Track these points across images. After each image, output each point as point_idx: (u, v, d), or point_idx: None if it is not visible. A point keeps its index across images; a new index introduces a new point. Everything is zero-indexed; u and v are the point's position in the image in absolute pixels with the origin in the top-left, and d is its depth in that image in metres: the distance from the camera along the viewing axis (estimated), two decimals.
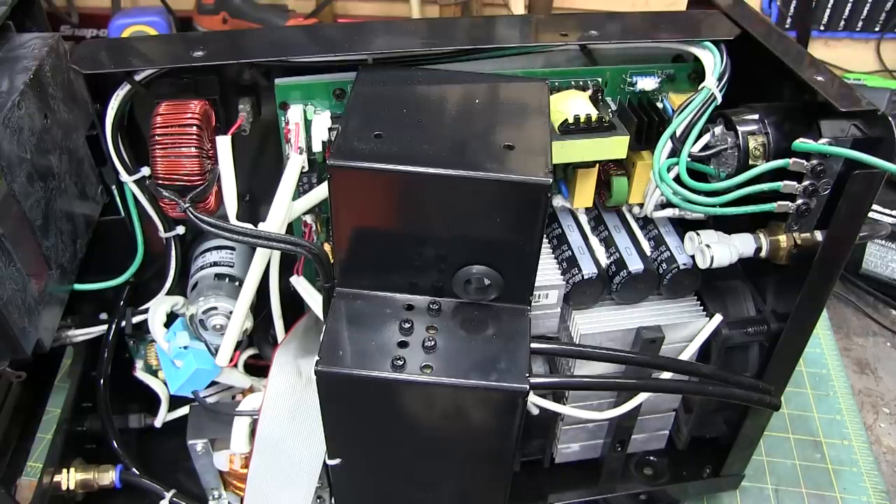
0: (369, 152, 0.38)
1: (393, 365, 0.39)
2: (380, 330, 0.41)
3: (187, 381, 0.53)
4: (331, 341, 0.40)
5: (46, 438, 0.56)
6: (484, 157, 0.39)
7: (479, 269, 0.41)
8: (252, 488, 0.54)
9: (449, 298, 0.42)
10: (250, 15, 1.13)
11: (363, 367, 0.39)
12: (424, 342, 0.40)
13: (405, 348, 0.40)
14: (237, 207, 0.47)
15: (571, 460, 0.63)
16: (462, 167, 0.38)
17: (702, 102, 0.47)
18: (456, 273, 0.41)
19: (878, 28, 1.13)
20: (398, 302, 0.42)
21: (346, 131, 0.40)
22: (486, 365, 0.39)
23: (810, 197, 0.45)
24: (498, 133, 0.41)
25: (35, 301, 0.43)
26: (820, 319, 0.52)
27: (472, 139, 0.40)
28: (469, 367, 0.39)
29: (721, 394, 0.50)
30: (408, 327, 0.41)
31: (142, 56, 0.45)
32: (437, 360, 0.39)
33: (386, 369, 0.39)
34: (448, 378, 0.38)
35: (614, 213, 0.56)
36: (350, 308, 0.42)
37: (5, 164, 0.40)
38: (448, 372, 0.39)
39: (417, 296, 0.42)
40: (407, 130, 0.40)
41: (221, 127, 0.48)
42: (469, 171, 0.38)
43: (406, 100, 0.43)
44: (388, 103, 0.43)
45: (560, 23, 0.51)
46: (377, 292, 0.43)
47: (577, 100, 0.48)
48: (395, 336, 0.40)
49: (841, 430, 0.75)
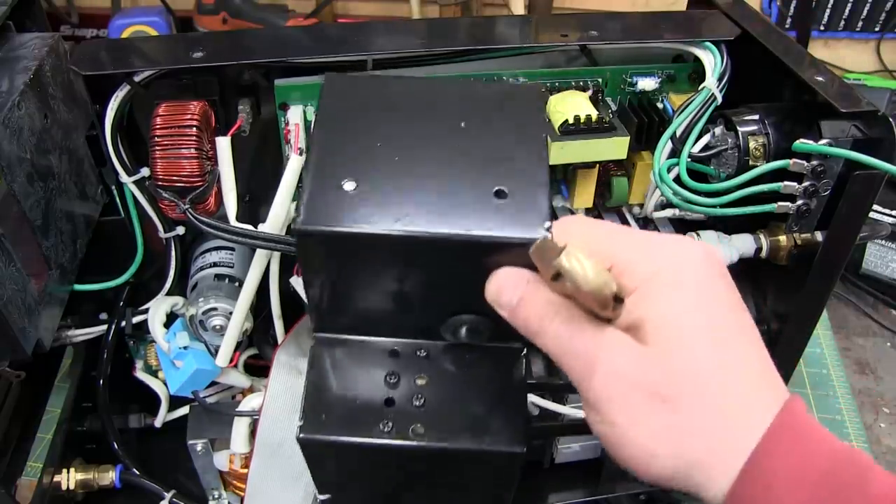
0: (344, 213, 0.33)
1: (380, 429, 0.36)
2: (364, 386, 0.37)
3: (187, 381, 0.53)
4: (313, 403, 0.37)
5: (46, 438, 0.56)
6: (474, 210, 0.33)
7: (470, 317, 0.37)
8: (252, 488, 0.54)
9: (437, 341, 0.39)
10: (250, 15, 1.13)
11: (348, 434, 0.36)
12: (413, 400, 0.37)
13: (392, 407, 0.37)
14: (237, 208, 0.47)
15: (571, 460, 0.63)
16: (449, 226, 0.33)
17: (702, 103, 0.47)
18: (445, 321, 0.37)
19: (878, 28, 1.12)
20: (382, 348, 0.39)
21: (314, 183, 0.34)
22: (479, 424, 0.36)
23: (810, 197, 0.45)
24: (488, 172, 0.35)
25: (35, 301, 0.43)
26: (820, 319, 0.52)
27: (459, 183, 0.35)
28: (461, 428, 0.36)
29: None
30: (394, 381, 0.37)
31: (141, 57, 0.45)
32: (427, 420, 0.36)
33: (373, 434, 0.36)
34: (438, 442, 0.36)
35: (614, 213, 0.56)
36: (331, 359, 0.39)
37: (5, 164, 0.40)
38: (438, 435, 0.36)
39: (403, 339, 0.39)
40: (383, 176, 0.35)
41: (221, 128, 0.48)
42: (457, 231, 0.33)
43: (380, 129, 0.37)
44: (359, 136, 0.37)
45: (560, 23, 0.51)
46: (359, 337, 0.39)
47: (577, 100, 0.48)
48: (380, 392, 0.37)
49: (841, 430, 0.75)
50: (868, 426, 0.78)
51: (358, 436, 0.36)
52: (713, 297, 0.31)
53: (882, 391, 0.83)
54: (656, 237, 0.33)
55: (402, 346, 0.39)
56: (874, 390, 0.83)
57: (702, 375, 0.29)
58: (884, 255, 0.89)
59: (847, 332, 0.89)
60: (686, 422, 0.29)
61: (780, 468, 0.27)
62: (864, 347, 0.87)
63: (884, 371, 0.85)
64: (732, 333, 0.30)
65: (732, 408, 0.29)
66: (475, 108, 0.39)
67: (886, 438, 0.78)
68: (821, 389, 0.79)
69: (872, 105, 0.43)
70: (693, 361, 0.29)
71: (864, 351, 0.87)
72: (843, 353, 0.85)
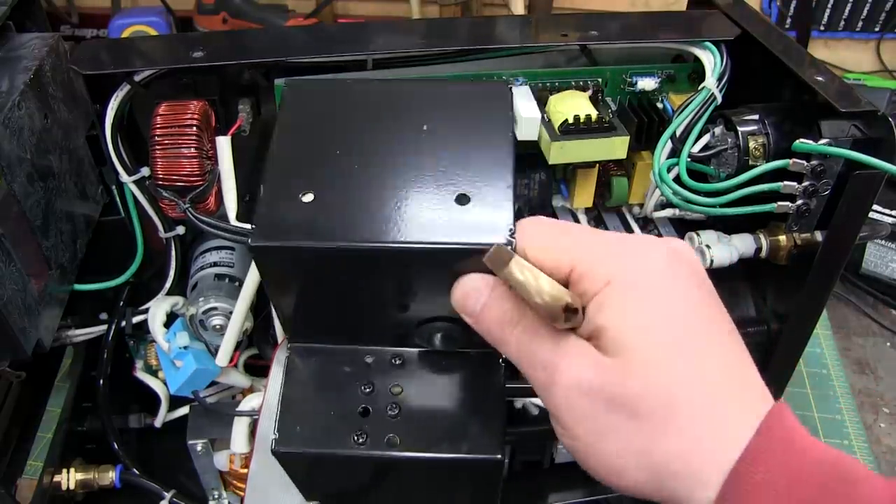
0: (300, 226, 0.32)
1: (355, 441, 0.35)
2: (338, 396, 0.37)
3: (187, 381, 0.53)
4: (287, 415, 0.36)
5: (46, 438, 0.56)
6: (434, 217, 0.33)
7: (443, 324, 0.36)
8: (252, 488, 0.54)
9: (412, 349, 0.38)
10: (250, 15, 1.13)
11: (323, 446, 0.36)
12: (388, 409, 0.36)
13: (367, 417, 0.36)
14: (237, 208, 0.47)
15: (571, 460, 0.63)
16: (409, 236, 0.32)
17: (702, 102, 0.47)
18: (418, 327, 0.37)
19: (878, 28, 1.12)
20: (357, 356, 0.38)
21: (270, 196, 0.34)
22: (456, 432, 0.36)
23: (810, 197, 0.45)
24: (450, 177, 0.34)
25: (35, 301, 0.43)
26: (820, 319, 0.52)
27: (419, 190, 0.34)
28: (438, 437, 0.35)
29: None
30: (369, 391, 0.37)
31: (142, 56, 0.45)
32: (403, 430, 0.36)
33: (348, 446, 0.35)
34: (414, 452, 0.35)
35: (614, 213, 0.56)
36: (306, 369, 0.38)
37: (5, 164, 0.40)
38: (415, 445, 0.35)
39: (378, 346, 0.38)
40: (342, 185, 0.34)
41: (221, 127, 0.48)
42: (417, 241, 0.32)
43: (340, 136, 0.36)
44: (318, 143, 0.36)
45: (560, 23, 0.51)
46: (333, 346, 0.38)
47: (577, 100, 0.48)
48: (355, 401, 0.37)
49: (841, 430, 0.75)
50: (868, 426, 0.78)
51: (332, 448, 0.35)
52: (678, 300, 0.29)
53: (882, 391, 0.83)
54: (618, 238, 0.31)
55: (376, 353, 0.38)
56: (874, 390, 0.83)
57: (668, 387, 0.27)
58: (884, 255, 0.89)
59: (847, 332, 0.89)
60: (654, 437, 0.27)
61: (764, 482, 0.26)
62: (864, 347, 0.87)
63: (884, 371, 0.85)
64: (701, 339, 0.28)
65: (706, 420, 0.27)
66: (440, 110, 0.38)
67: (886, 438, 0.78)
68: (821, 389, 0.79)
69: (872, 105, 0.43)
70: (657, 374, 0.27)
71: (864, 351, 0.87)
72: (843, 353, 0.85)
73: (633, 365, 0.28)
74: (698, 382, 0.28)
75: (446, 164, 0.35)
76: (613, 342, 0.28)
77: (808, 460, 0.26)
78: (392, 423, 0.36)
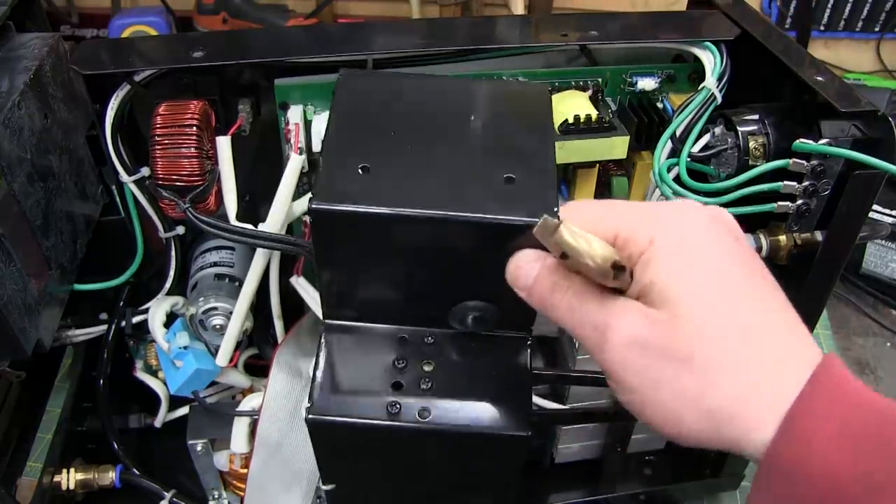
0: (357, 192, 0.34)
1: (388, 412, 0.36)
2: (372, 370, 0.38)
3: (187, 381, 0.53)
4: (321, 385, 0.38)
5: (46, 438, 0.56)
6: (483, 194, 0.35)
7: (477, 304, 0.38)
8: (252, 488, 0.54)
9: (444, 329, 0.40)
10: (250, 15, 1.13)
11: (357, 415, 0.37)
12: (420, 384, 0.38)
13: (400, 390, 0.37)
14: (237, 207, 0.47)
15: (571, 460, 0.63)
16: (459, 207, 0.34)
17: (702, 102, 0.47)
18: (452, 307, 0.38)
19: (878, 28, 1.12)
20: (391, 335, 0.40)
21: (329, 165, 0.36)
22: (484, 408, 0.37)
23: (810, 197, 0.45)
24: (497, 160, 0.37)
25: (35, 301, 0.43)
26: (820, 319, 0.52)
27: (469, 169, 0.36)
28: (467, 412, 0.37)
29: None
30: (402, 366, 0.38)
31: (142, 56, 0.45)
32: (434, 404, 0.37)
33: (381, 416, 0.36)
34: (446, 425, 0.36)
35: None
36: (340, 345, 0.40)
37: (5, 164, 0.40)
38: (446, 418, 0.37)
39: (411, 327, 0.40)
40: (396, 160, 0.36)
41: (221, 127, 0.48)
42: (467, 212, 0.34)
43: (393, 119, 0.39)
44: (373, 124, 0.39)
45: (560, 23, 0.51)
46: (368, 324, 0.40)
47: (577, 100, 0.48)
48: (389, 376, 0.38)
49: None
50: None
51: (366, 417, 0.36)
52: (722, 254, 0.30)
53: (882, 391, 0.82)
54: (658, 204, 0.33)
55: (409, 333, 0.39)
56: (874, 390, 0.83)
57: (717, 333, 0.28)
58: (884, 255, 0.89)
59: (847, 332, 0.89)
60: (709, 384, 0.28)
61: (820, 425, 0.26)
62: (864, 347, 0.87)
63: (884, 371, 0.85)
64: (747, 290, 0.29)
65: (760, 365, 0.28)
66: (484, 104, 0.40)
67: None
68: None
69: (872, 105, 0.43)
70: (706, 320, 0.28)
71: (864, 351, 0.87)
72: (843, 353, 0.85)
73: (683, 316, 0.28)
74: (748, 330, 0.28)
75: (493, 149, 0.37)
76: (661, 296, 0.29)
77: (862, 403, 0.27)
78: (424, 397, 0.37)
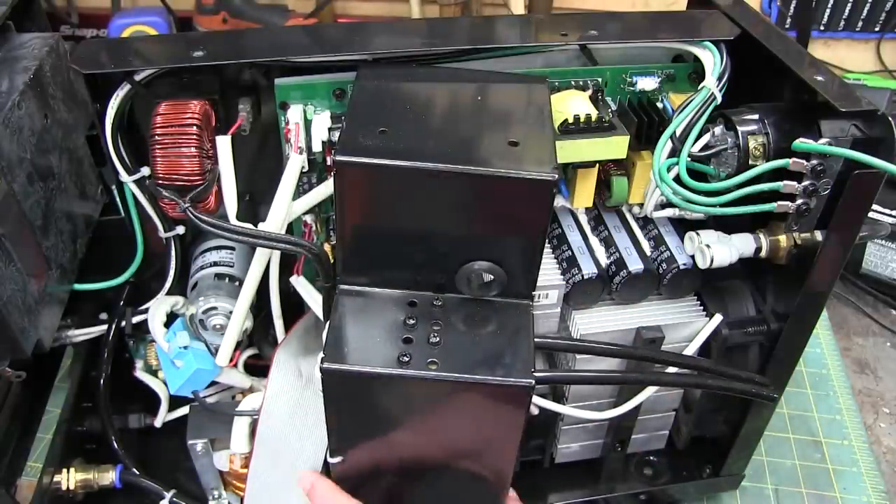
0: (375, 147, 0.38)
1: (399, 361, 0.39)
2: (384, 326, 0.41)
3: (187, 381, 0.53)
4: (335, 338, 0.40)
5: (46, 438, 0.56)
6: (490, 153, 0.39)
7: (483, 266, 0.41)
8: (252, 488, 0.54)
9: (452, 294, 0.43)
10: (250, 15, 1.13)
11: (369, 364, 0.39)
12: (429, 338, 0.40)
13: (410, 344, 0.40)
14: (237, 207, 0.47)
15: (571, 460, 0.63)
16: (469, 163, 0.38)
17: (702, 102, 0.47)
18: (459, 269, 0.41)
19: (878, 28, 1.13)
20: (401, 298, 0.43)
21: (350, 127, 0.40)
22: (490, 360, 0.39)
23: (810, 197, 0.45)
24: (502, 130, 0.41)
25: (35, 301, 0.43)
26: (820, 319, 0.52)
27: (478, 135, 0.41)
28: (474, 363, 0.39)
29: (719, 387, 0.50)
30: (412, 324, 0.41)
31: (142, 56, 0.45)
32: (442, 356, 0.39)
33: (392, 365, 0.39)
34: (454, 373, 0.39)
35: (614, 213, 0.56)
36: (353, 305, 0.42)
37: (5, 164, 0.40)
38: (454, 367, 0.39)
39: (420, 292, 0.43)
40: (411, 126, 0.41)
41: (221, 127, 0.48)
42: (476, 166, 0.38)
43: (409, 97, 0.44)
44: (390, 100, 0.43)
45: (560, 23, 0.51)
46: (380, 289, 0.43)
47: (577, 100, 0.48)
48: (399, 332, 0.41)
49: (841, 430, 0.75)
50: (868, 426, 0.78)
51: (377, 366, 0.39)
52: None
53: (882, 391, 0.83)
54: None
55: (419, 297, 0.43)
56: (874, 390, 0.83)
57: None
58: (884, 255, 0.89)
59: (847, 332, 0.89)
60: None
61: None
62: (864, 347, 0.87)
63: (884, 371, 0.85)
64: None
65: None
66: (492, 86, 0.46)
67: (886, 438, 0.78)
68: (821, 389, 0.79)
69: (872, 105, 0.43)
70: None
71: (864, 351, 0.87)
72: (843, 353, 0.85)
73: None
74: None
75: (498, 120, 0.43)
76: None
77: None
78: (433, 350, 0.40)
